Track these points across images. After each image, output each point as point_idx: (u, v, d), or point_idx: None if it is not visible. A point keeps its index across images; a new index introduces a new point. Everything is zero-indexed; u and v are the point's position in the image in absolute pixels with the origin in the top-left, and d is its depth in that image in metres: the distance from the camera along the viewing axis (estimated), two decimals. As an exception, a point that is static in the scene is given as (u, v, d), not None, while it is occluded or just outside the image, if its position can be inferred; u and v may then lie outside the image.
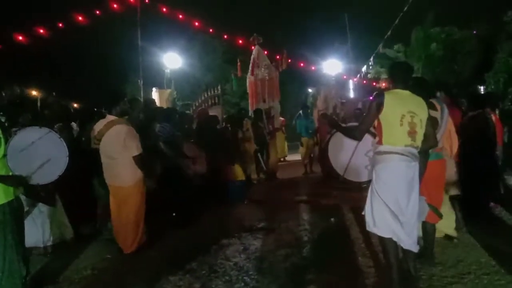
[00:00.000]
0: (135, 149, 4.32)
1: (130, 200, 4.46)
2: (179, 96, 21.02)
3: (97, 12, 13.16)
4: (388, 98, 3.09)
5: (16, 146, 3.21)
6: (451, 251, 4.01)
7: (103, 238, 5.05)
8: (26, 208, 4.16)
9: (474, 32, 19.96)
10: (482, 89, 17.44)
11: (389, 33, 18.40)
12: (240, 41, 13.57)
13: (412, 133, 3.07)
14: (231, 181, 7.04)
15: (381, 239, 3.19)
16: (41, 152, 3.34)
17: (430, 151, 3.42)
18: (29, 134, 3.36)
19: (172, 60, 21.32)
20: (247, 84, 12.12)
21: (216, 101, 11.23)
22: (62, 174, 3.46)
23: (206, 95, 11.65)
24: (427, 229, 3.69)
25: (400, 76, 3.28)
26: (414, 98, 3.19)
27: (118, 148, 4.32)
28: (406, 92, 3.19)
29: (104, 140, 4.37)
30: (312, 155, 10.43)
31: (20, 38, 11.85)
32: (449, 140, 3.86)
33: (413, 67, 3.57)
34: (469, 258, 3.82)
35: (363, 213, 3.32)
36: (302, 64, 19.03)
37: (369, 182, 3.43)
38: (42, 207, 4.48)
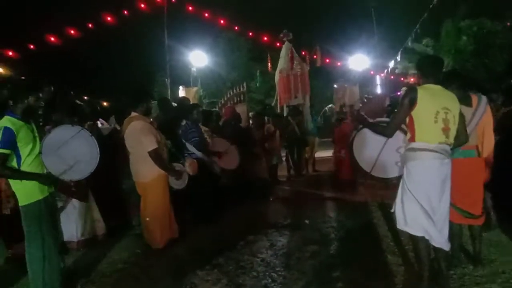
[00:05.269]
0: (149, 144, 4.31)
1: (150, 196, 4.51)
2: (205, 94, 21.19)
3: (125, 12, 13.47)
4: (421, 93, 2.99)
5: (51, 143, 3.33)
6: (484, 250, 3.88)
7: (134, 233, 5.18)
8: (61, 204, 4.33)
9: (508, 24, 19.20)
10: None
11: (417, 26, 17.95)
12: (265, 38, 13.57)
13: (446, 130, 2.99)
14: (256, 178, 7.07)
15: (412, 237, 3.12)
16: (74, 150, 3.45)
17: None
18: (63, 132, 3.47)
19: (198, 58, 21.47)
20: (276, 80, 12.15)
21: (242, 98, 11.25)
22: (93, 171, 3.57)
23: (231, 93, 11.69)
24: (453, 229, 3.47)
25: (430, 70, 3.17)
26: (447, 93, 3.10)
27: (134, 143, 4.43)
28: (438, 87, 3.10)
29: (125, 136, 4.49)
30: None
31: (52, 39, 12.27)
32: (480, 138, 3.66)
33: (443, 60, 3.43)
34: (503, 258, 3.72)
35: (392, 211, 3.27)
36: (327, 60, 18.84)
37: (398, 178, 3.37)
38: (76, 203, 4.62)
